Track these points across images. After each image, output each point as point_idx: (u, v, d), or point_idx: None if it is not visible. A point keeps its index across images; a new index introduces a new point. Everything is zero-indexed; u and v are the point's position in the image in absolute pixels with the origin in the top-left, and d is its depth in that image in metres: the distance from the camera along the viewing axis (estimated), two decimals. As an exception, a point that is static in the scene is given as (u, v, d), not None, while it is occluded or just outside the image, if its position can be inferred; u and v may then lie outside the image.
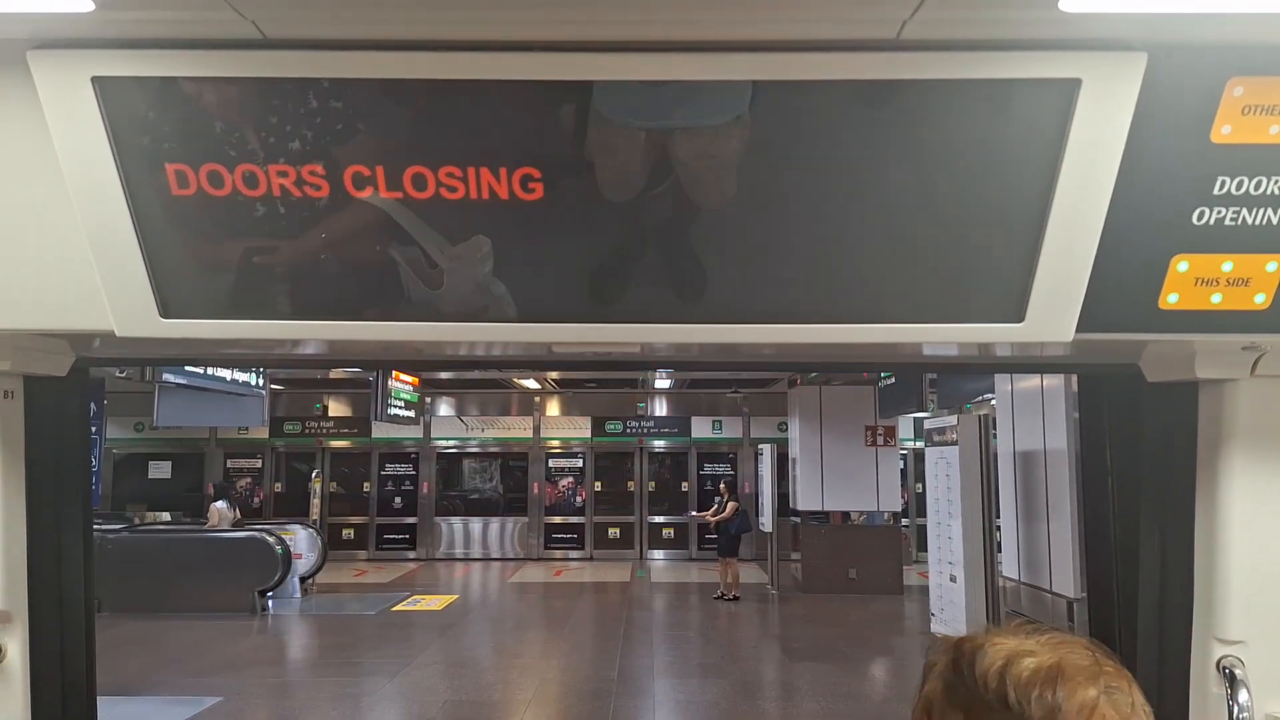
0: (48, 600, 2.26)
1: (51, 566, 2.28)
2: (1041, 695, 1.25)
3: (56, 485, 2.30)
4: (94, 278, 1.68)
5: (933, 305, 1.71)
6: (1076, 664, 1.29)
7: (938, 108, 1.55)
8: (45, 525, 2.25)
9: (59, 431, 2.29)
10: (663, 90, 1.55)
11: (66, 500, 2.31)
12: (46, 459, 2.27)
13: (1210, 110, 1.58)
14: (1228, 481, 2.08)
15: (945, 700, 1.37)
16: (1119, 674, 1.30)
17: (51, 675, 2.29)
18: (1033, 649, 1.32)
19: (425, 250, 1.67)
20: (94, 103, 1.52)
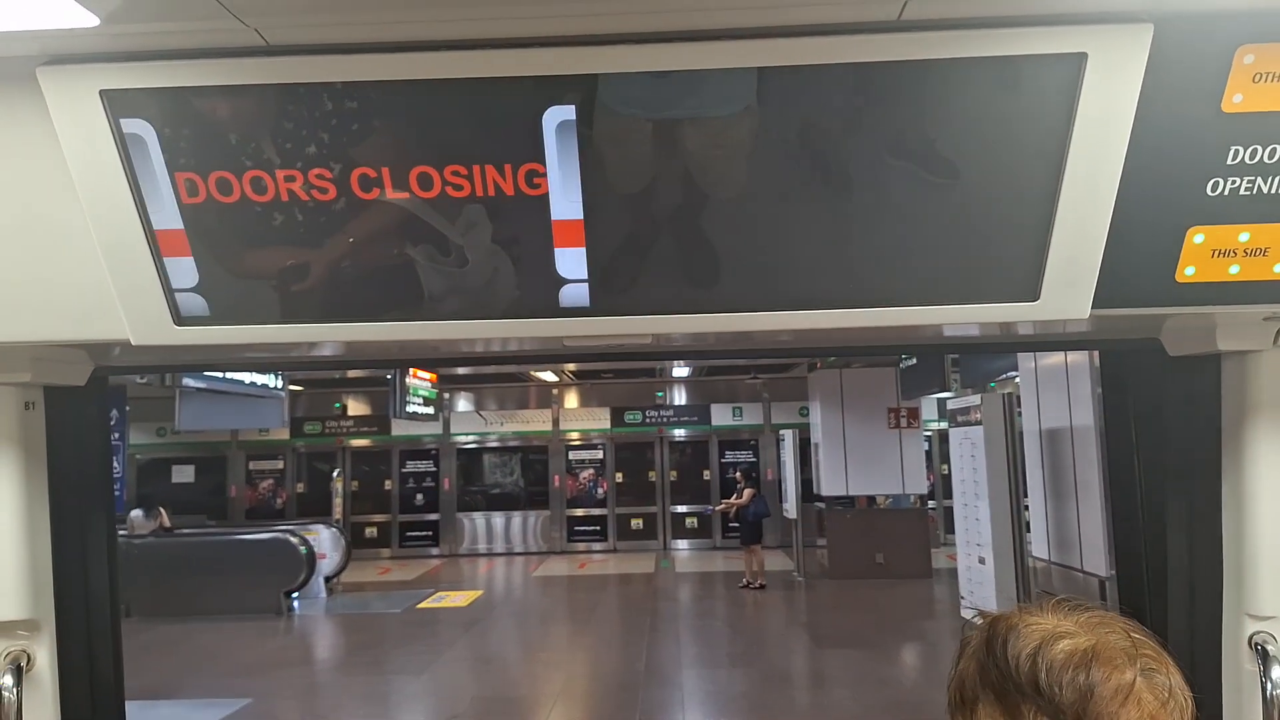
0: (74, 607, 2.29)
1: (77, 574, 2.30)
2: (1074, 679, 1.23)
3: (80, 493, 2.32)
4: (109, 288, 1.69)
5: (946, 286, 1.69)
6: (1113, 646, 1.27)
7: (942, 88, 1.53)
8: (70, 533, 2.28)
9: (81, 439, 2.32)
10: (668, 82, 1.54)
11: (90, 507, 2.33)
12: (69, 467, 2.30)
13: (1220, 79, 1.55)
14: (1253, 454, 2.05)
15: (978, 680, 1.35)
16: (1158, 657, 1.28)
17: (80, 682, 2.31)
18: (1069, 630, 1.30)
19: (434, 249, 1.67)
20: (103, 115, 1.53)
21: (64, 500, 2.25)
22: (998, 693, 1.30)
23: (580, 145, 1.60)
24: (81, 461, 2.30)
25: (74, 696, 2.28)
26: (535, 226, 1.66)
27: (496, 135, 1.59)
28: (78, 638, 2.30)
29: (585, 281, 1.71)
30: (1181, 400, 2.23)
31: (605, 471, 19.08)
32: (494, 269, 1.69)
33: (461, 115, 1.58)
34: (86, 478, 2.32)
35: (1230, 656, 2.13)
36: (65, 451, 2.28)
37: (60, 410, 2.25)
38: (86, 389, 2.29)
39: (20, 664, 2.14)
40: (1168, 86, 1.54)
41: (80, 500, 2.30)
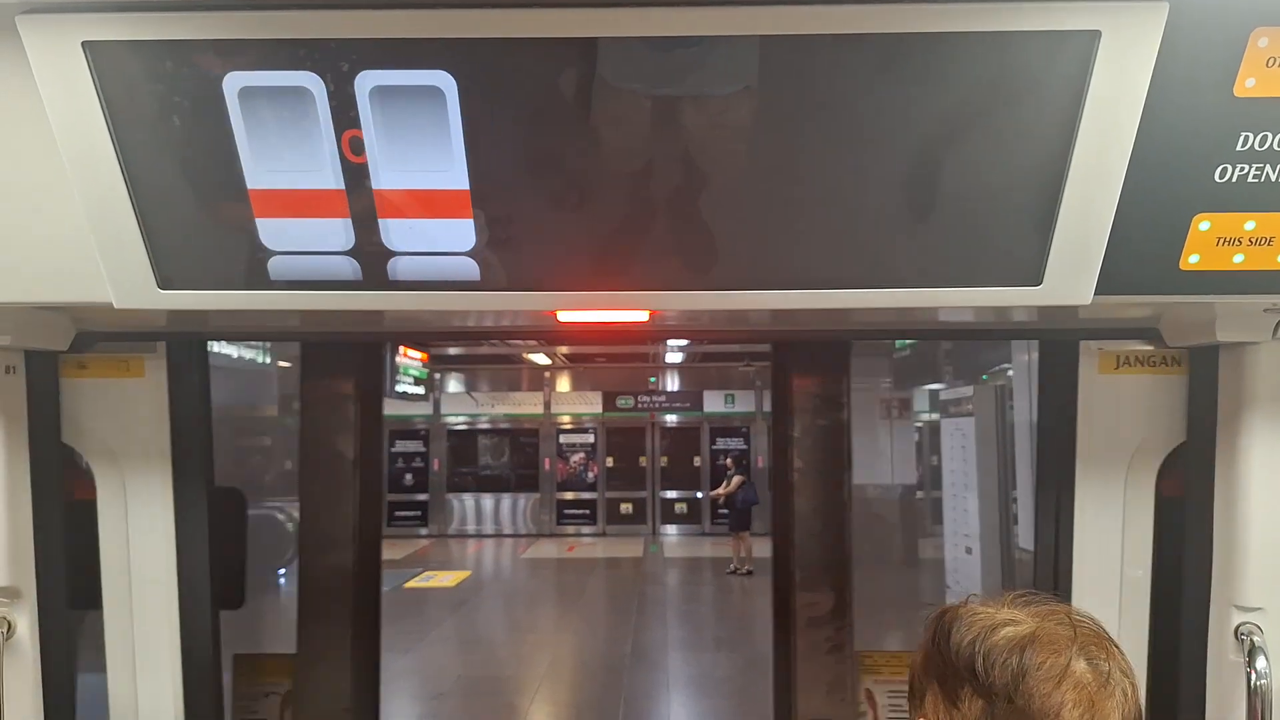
0: (55, 575, 2.26)
1: (58, 541, 2.28)
2: (1008, 660, 1.25)
3: (62, 460, 2.29)
4: (91, 249, 1.65)
5: (948, 268, 1.66)
6: (1053, 633, 1.28)
7: (951, 63, 1.49)
8: (51, 500, 2.25)
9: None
10: (670, 55, 1.51)
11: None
12: (50, 434, 2.26)
13: (1233, 62, 1.52)
14: (1248, 446, 2.04)
15: (923, 670, 1.39)
16: (1101, 643, 1.29)
17: (60, 650, 2.29)
18: (1014, 618, 1.32)
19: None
20: (85, 68, 1.48)
21: (45, 467, 2.22)
22: (940, 679, 1.32)
23: (579, 118, 1.56)
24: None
25: (55, 664, 2.26)
26: (531, 196, 1.63)
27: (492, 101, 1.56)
28: (58, 606, 2.28)
29: (582, 255, 1.68)
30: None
31: (596, 455, 19.07)
32: (486, 238, 1.66)
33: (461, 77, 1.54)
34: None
35: (1216, 647, 2.13)
36: (46, 418, 2.24)
37: (41, 376, 2.22)
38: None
39: (1, 631, 2.11)
40: (1179, 68, 1.51)
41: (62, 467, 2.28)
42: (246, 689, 2.66)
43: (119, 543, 2.35)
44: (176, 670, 2.35)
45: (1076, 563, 2.31)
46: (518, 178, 1.61)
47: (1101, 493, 2.31)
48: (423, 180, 1.60)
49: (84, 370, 2.32)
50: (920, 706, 1.37)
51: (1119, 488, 2.31)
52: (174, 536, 2.35)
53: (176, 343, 2.32)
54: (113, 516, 2.35)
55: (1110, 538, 2.31)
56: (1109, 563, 2.30)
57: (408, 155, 1.57)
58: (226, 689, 2.63)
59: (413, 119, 1.54)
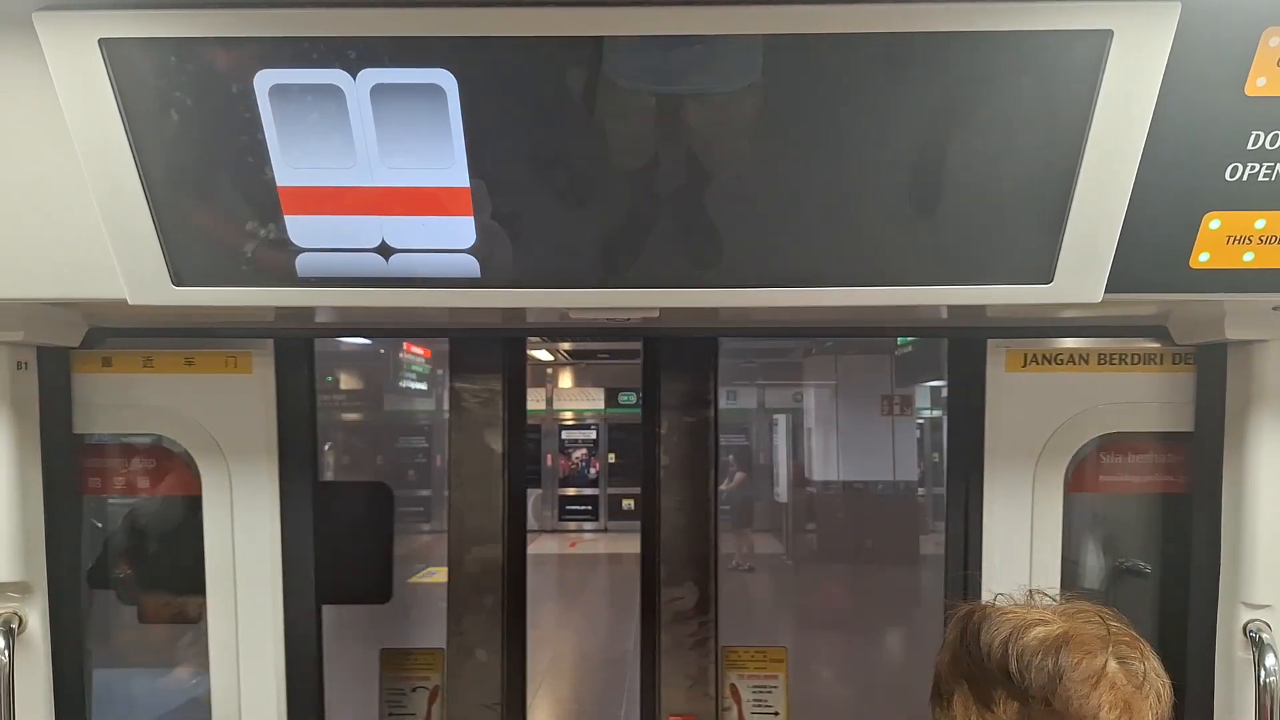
0: (67, 570, 2.27)
1: (70, 536, 2.28)
2: (1043, 663, 1.24)
3: (73, 455, 2.30)
4: (105, 245, 1.66)
5: (959, 267, 1.67)
6: (1087, 633, 1.27)
7: (964, 62, 1.49)
8: (63, 495, 2.25)
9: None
10: (676, 54, 1.51)
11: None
12: (62, 429, 2.27)
13: (1245, 62, 1.53)
14: (1256, 444, 2.05)
15: (950, 670, 1.37)
16: (1134, 644, 1.29)
17: (72, 645, 2.30)
18: (1044, 618, 1.31)
19: None
20: (101, 66, 1.49)
21: (56, 462, 2.23)
22: (970, 681, 1.31)
23: (584, 117, 1.56)
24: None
25: (66, 659, 2.26)
26: (539, 195, 1.64)
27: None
28: (70, 601, 2.28)
29: (590, 252, 1.68)
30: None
31: (598, 451, 19.06)
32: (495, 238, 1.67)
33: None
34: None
35: (1224, 644, 2.14)
36: (59, 413, 2.25)
37: (54, 372, 2.23)
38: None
39: (12, 626, 2.12)
40: (1191, 67, 1.51)
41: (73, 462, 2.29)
42: (393, 683, 2.68)
43: (223, 538, 2.35)
44: (280, 667, 2.36)
45: (986, 558, 2.33)
46: (521, 175, 1.61)
47: (1009, 489, 2.32)
48: (426, 178, 1.61)
49: (191, 366, 2.33)
50: (947, 708, 1.35)
51: (1027, 485, 2.32)
52: (279, 532, 2.35)
53: (284, 339, 2.33)
54: (217, 512, 2.35)
55: (1019, 534, 2.32)
56: (1018, 558, 2.32)
57: (411, 151, 1.58)
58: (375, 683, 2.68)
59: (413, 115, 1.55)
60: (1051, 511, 2.32)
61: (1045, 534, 2.32)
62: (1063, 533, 2.32)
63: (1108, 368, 2.32)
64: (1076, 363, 2.32)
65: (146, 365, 2.33)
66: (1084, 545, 2.56)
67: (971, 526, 2.35)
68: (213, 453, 2.34)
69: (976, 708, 1.29)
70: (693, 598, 2.49)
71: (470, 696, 2.49)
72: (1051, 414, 2.32)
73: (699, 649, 2.50)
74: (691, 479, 2.52)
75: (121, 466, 2.45)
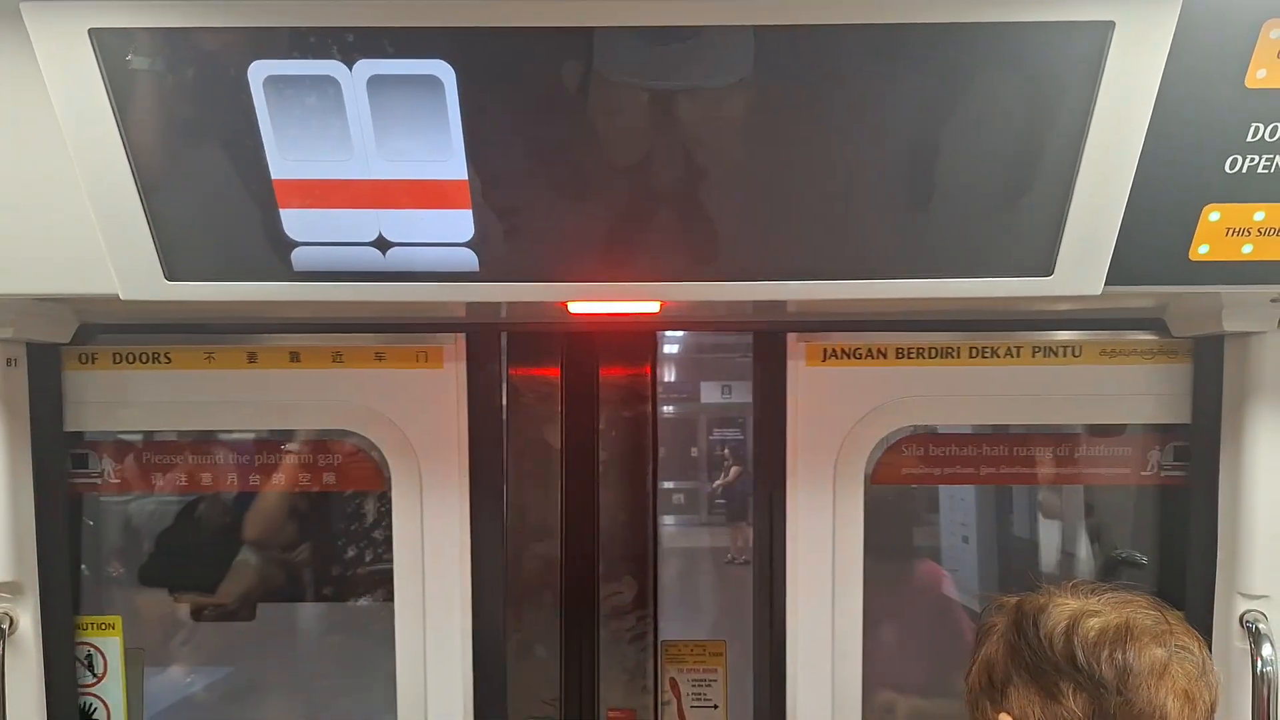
0: (58, 570, 2.25)
1: (61, 536, 2.27)
2: (1112, 655, 1.25)
3: (64, 453, 2.28)
4: (96, 239, 1.64)
5: (960, 259, 1.66)
6: (1143, 623, 1.28)
7: (965, 53, 1.48)
8: (54, 495, 2.24)
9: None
10: (669, 49, 1.50)
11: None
12: (54, 428, 2.25)
13: (1245, 54, 1.52)
14: (1253, 435, 2.05)
15: (1009, 662, 1.35)
16: (1188, 634, 1.30)
17: (64, 645, 2.28)
18: (1097, 608, 1.32)
19: None
20: (92, 56, 1.47)
21: (47, 461, 2.21)
22: (1032, 672, 1.30)
23: (576, 113, 1.55)
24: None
25: (58, 660, 2.25)
26: (532, 191, 1.63)
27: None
28: (61, 601, 2.27)
29: (590, 247, 1.67)
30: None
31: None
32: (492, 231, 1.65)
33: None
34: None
35: (1221, 635, 2.14)
36: (49, 410, 2.23)
37: (44, 368, 2.21)
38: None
39: (3, 627, 2.11)
40: (1192, 59, 1.51)
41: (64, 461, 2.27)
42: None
43: (413, 533, 2.33)
44: (468, 662, 2.34)
45: (790, 551, 2.35)
46: (520, 167, 1.60)
47: (811, 483, 2.34)
48: (423, 170, 1.59)
49: (382, 361, 2.31)
50: (1001, 701, 1.34)
51: (828, 478, 2.33)
52: (469, 528, 2.33)
53: (476, 333, 2.31)
54: (406, 506, 2.34)
55: (821, 527, 2.34)
56: (820, 552, 2.34)
57: (409, 143, 1.57)
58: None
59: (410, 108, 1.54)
60: (853, 504, 2.35)
61: (847, 526, 2.35)
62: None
63: (907, 362, 2.33)
64: (876, 356, 2.33)
65: (336, 360, 2.32)
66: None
67: (776, 521, 2.36)
68: (402, 448, 2.33)
69: (1040, 699, 1.29)
70: (631, 592, 2.49)
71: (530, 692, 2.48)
72: (853, 408, 2.33)
73: (637, 643, 2.50)
74: (630, 473, 2.51)
75: (308, 463, 2.45)
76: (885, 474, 2.45)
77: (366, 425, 2.35)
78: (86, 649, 2.41)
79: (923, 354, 2.33)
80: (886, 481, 2.46)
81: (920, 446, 2.45)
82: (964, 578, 4.28)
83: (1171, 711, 1.22)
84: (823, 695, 2.36)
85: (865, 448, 2.36)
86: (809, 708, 2.36)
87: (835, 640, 2.36)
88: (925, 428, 2.44)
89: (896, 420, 2.37)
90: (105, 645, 2.42)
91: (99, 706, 2.43)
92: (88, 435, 2.39)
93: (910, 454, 2.46)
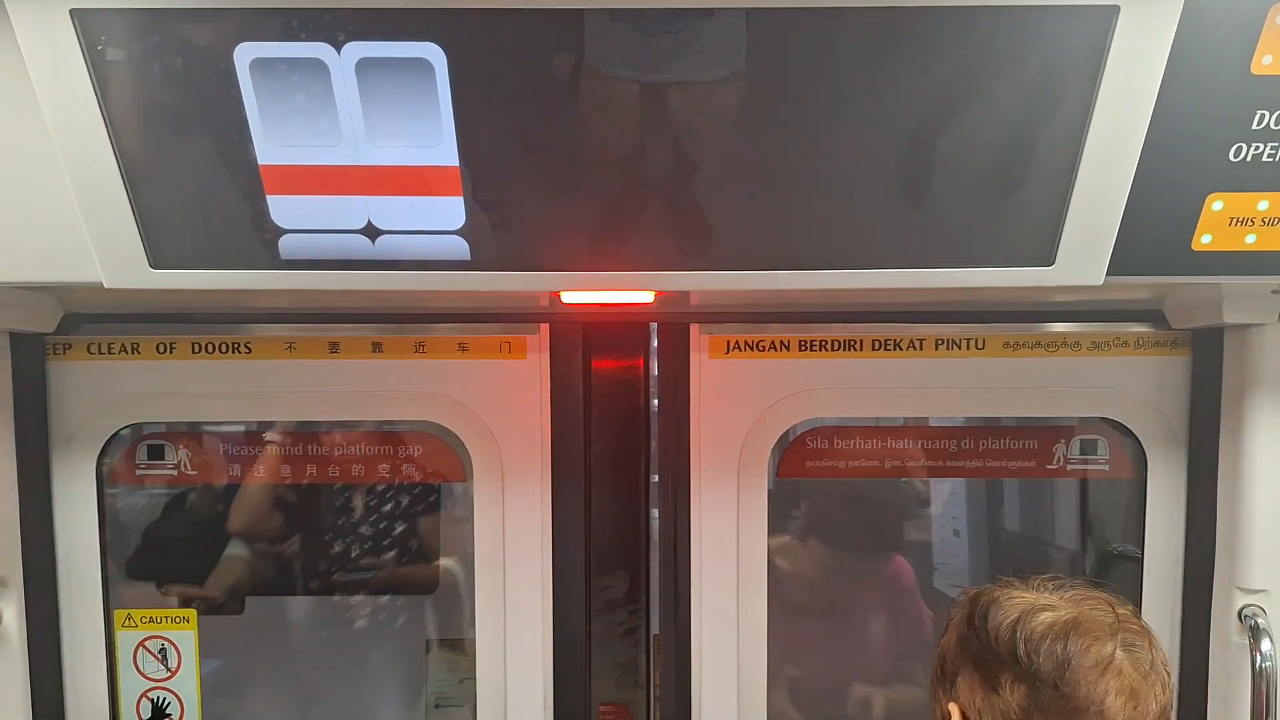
0: (43, 564, 2.22)
1: (45, 529, 2.23)
2: (1052, 648, 1.24)
3: (48, 446, 2.24)
4: (80, 227, 1.60)
5: (961, 249, 1.64)
6: (1095, 620, 1.28)
7: (967, 37, 1.46)
8: (38, 487, 2.20)
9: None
10: (662, 41, 1.47)
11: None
12: (37, 420, 2.21)
13: (1251, 40, 1.50)
14: (1253, 428, 2.03)
15: (957, 653, 1.37)
16: (1141, 632, 1.29)
17: (49, 639, 2.25)
18: (1052, 603, 1.32)
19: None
20: (74, 38, 1.43)
21: (31, 453, 2.17)
22: (977, 663, 1.31)
23: (567, 103, 1.52)
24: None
25: (44, 654, 2.22)
26: (524, 179, 1.60)
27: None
28: (47, 595, 2.24)
29: (583, 236, 1.64)
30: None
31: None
32: (484, 219, 1.62)
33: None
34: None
35: (1219, 629, 2.13)
36: (32, 402, 2.19)
37: (28, 359, 2.17)
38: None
39: None
40: (1197, 45, 1.48)
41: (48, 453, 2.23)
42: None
43: (494, 523, 2.31)
44: (548, 649, 2.33)
45: (694, 544, 2.33)
46: (512, 154, 1.57)
47: (715, 476, 2.32)
48: (413, 156, 1.57)
49: (465, 352, 2.29)
50: (951, 690, 1.35)
51: (732, 471, 2.32)
52: (550, 516, 2.32)
53: (560, 324, 2.28)
54: (488, 495, 2.32)
55: (725, 520, 2.33)
56: (725, 546, 2.33)
57: (398, 129, 1.54)
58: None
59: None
60: (757, 496, 2.34)
61: (751, 519, 2.34)
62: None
63: (811, 354, 2.32)
64: (779, 349, 2.31)
65: (419, 351, 2.29)
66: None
67: (680, 514, 2.34)
68: (484, 437, 2.31)
69: (982, 690, 1.30)
70: (623, 586, 2.48)
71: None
72: (757, 400, 2.32)
73: (629, 637, 2.49)
74: (623, 467, 2.50)
75: (388, 453, 2.43)
76: (791, 467, 2.44)
77: (449, 416, 2.33)
78: (160, 643, 2.39)
79: (825, 346, 2.31)
80: (793, 475, 2.46)
81: (825, 439, 2.44)
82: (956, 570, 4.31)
83: (1112, 707, 1.21)
84: (728, 688, 2.35)
85: (769, 440, 2.34)
86: (714, 702, 2.35)
87: (741, 633, 2.35)
88: (830, 421, 2.43)
89: (801, 413, 2.36)
90: (180, 639, 2.39)
91: (172, 701, 2.40)
92: (152, 428, 2.37)
93: (816, 446, 2.45)
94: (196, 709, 2.40)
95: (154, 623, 2.38)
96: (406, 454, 2.43)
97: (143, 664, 2.38)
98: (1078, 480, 2.54)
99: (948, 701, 1.36)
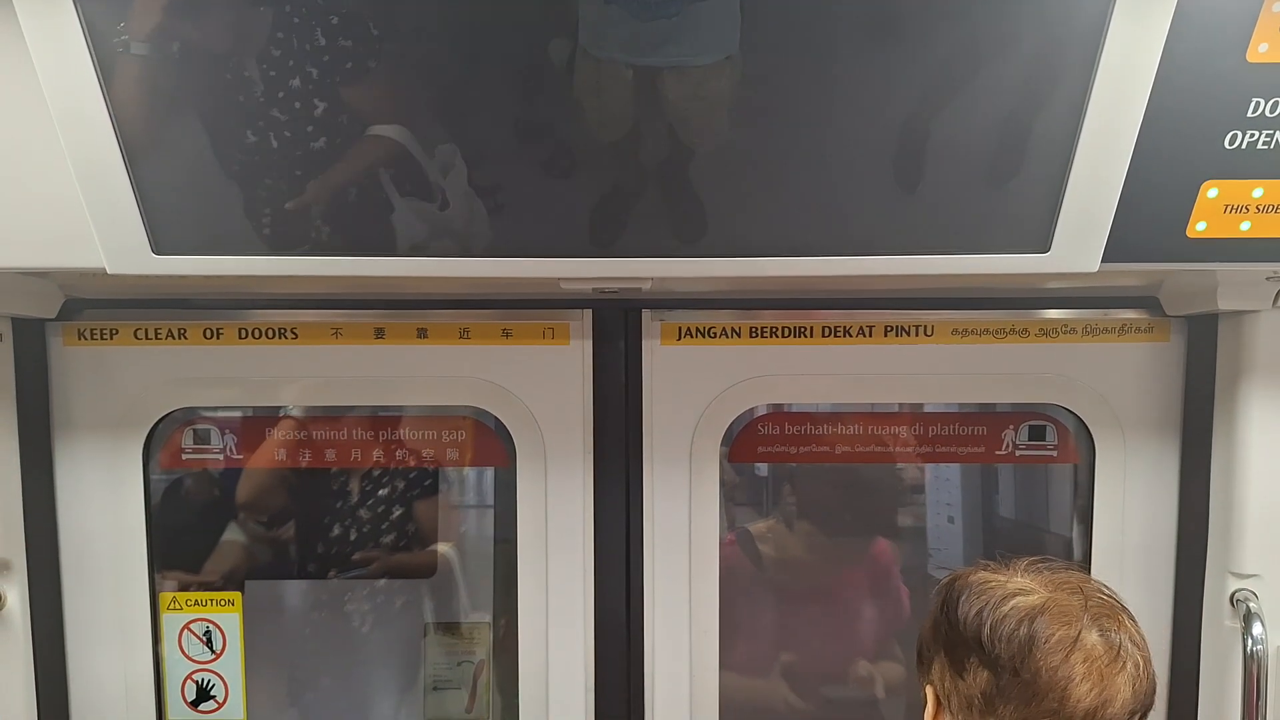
0: (46, 547, 2.23)
1: (48, 512, 2.24)
2: (1014, 634, 1.24)
3: (50, 430, 2.25)
4: (82, 212, 1.61)
5: (953, 235, 1.64)
6: (1064, 603, 1.28)
7: (964, 22, 1.47)
8: (40, 471, 2.21)
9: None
10: (654, 26, 1.47)
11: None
12: (39, 404, 2.22)
13: (1248, 27, 1.51)
14: (1246, 414, 2.04)
15: (931, 639, 1.38)
16: (1113, 614, 1.29)
17: (52, 621, 2.26)
18: (1024, 587, 1.31)
19: (423, 185, 1.61)
20: (77, 23, 1.43)
21: (34, 437, 2.18)
22: (946, 647, 1.33)
23: (563, 90, 1.53)
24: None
25: (47, 636, 2.23)
26: (525, 166, 1.60)
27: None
28: (50, 577, 2.24)
29: (579, 222, 1.65)
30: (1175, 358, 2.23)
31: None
32: (485, 205, 1.63)
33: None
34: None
35: (1211, 613, 2.14)
36: (35, 387, 2.20)
37: (30, 344, 2.17)
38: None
39: None
40: (1193, 32, 1.49)
41: (51, 438, 2.23)
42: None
43: (537, 508, 2.31)
44: (589, 628, 2.34)
45: (646, 529, 2.34)
46: (507, 141, 1.58)
47: (667, 463, 2.33)
48: None
49: (509, 338, 2.29)
50: (928, 674, 1.37)
51: (684, 458, 2.33)
52: (592, 502, 2.32)
53: (604, 310, 2.28)
54: (531, 482, 2.32)
55: (677, 508, 2.33)
56: (677, 535, 2.34)
57: None
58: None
59: None
60: (708, 481, 2.34)
61: (703, 503, 2.34)
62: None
63: (762, 340, 2.32)
64: (730, 336, 2.31)
65: (463, 337, 2.29)
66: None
67: (633, 499, 2.34)
68: (529, 424, 2.31)
69: (951, 674, 1.31)
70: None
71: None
72: (707, 386, 2.32)
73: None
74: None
75: (433, 438, 2.43)
76: (743, 452, 2.45)
77: (493, 401, 2.32)
78: (205, 625, 2.39)
79: (777, 333, 2.31)
80: (745, 460, 2.48)
81: (777, 425, 2.45)
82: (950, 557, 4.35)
83: (1077, 692, 1.21)
84: (680, 671, 2.36)
85: (721, 426, 2.35)
86: (666, 687, 2.36)
87: (693, 617, 2.36)
88: (782, 406, 2.43)
89: (751, 399, 2.36)
90: (225, 622, 2.40)
91: (216, 683, 2.40)
92: (199, 411, 2.38)
93: (768, 432, 2.45)
94: (241, 691, 2.41)
95: (199, 605, 2.38)
96: (452, 439, 2.44)
97: (188, 646, 2.39)
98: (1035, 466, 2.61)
99: (924, 684, 1.38)
